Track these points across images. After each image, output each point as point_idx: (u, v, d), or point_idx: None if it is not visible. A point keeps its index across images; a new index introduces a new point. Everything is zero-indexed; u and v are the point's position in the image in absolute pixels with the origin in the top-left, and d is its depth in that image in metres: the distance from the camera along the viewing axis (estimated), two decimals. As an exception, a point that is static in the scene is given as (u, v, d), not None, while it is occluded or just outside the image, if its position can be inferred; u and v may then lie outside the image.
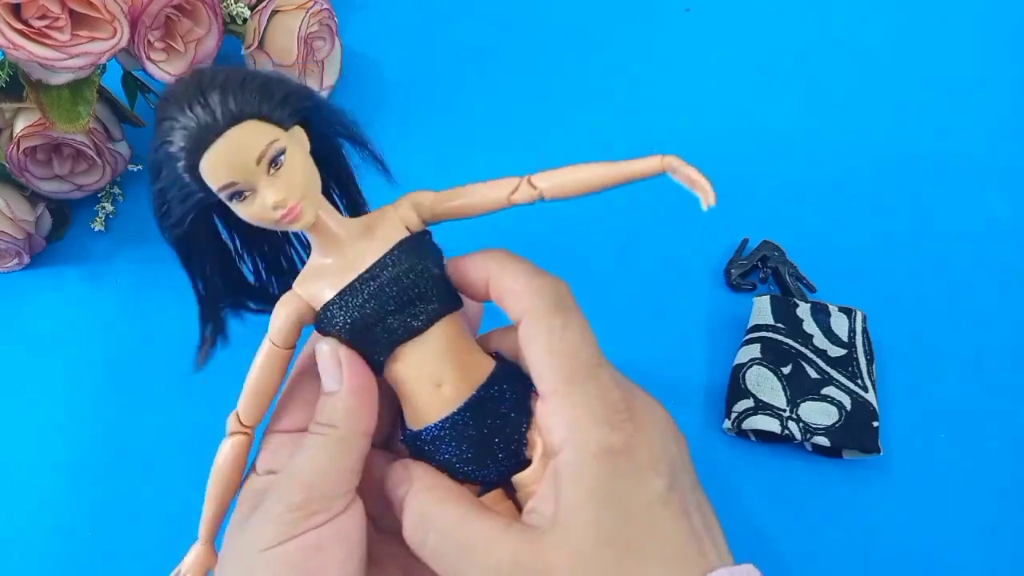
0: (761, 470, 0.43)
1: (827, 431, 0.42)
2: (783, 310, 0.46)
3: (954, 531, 0.42)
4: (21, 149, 0.44)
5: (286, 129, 0.31)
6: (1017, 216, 0.51)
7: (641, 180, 0.33)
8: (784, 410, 0.43)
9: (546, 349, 0.31)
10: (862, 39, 0.58)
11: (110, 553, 0.43)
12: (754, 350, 0.45)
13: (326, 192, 0.35)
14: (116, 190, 0.51)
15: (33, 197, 0.48)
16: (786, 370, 0.44)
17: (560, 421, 0.30)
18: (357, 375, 0.32)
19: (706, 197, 0.31)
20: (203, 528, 0.36)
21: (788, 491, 0.43)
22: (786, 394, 0.43)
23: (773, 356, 0.44)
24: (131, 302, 0.49)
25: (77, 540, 0.43)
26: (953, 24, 0.58)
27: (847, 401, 0.43)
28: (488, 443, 0.33)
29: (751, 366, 0.44)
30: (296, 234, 0.39)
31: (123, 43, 0.42)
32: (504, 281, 0.32)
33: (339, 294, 0.32)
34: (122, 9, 0.42)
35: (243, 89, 0.30)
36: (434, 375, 0.33)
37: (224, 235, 0.36)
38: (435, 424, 0.33)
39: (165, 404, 0.46)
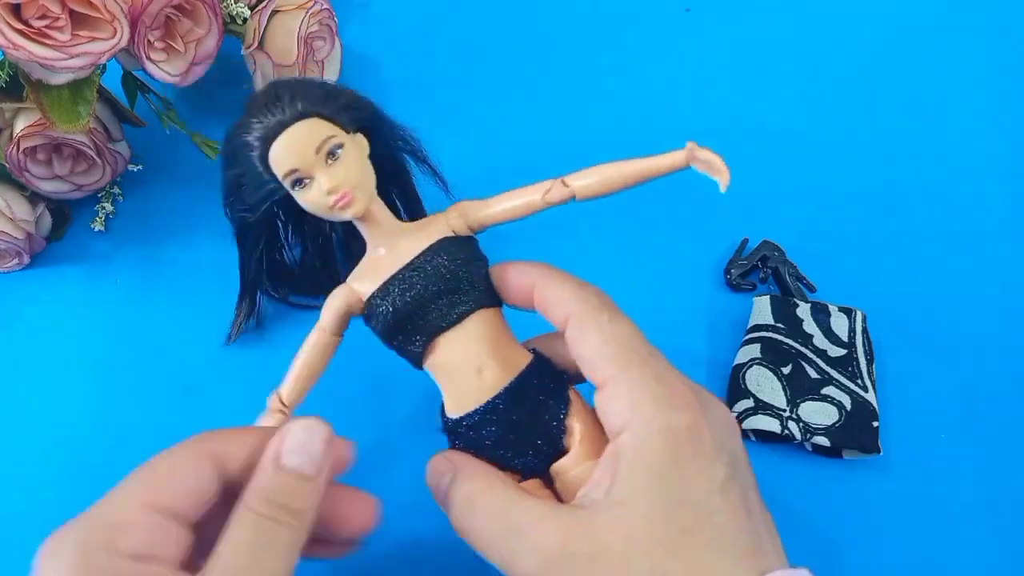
0: (762, 468, 0.43)
1: (827, 431, 0.42)
2: (783, 310, 0.46)
3: (955, 531, 0.42)
4: (21, 149, 0.44)
5: (347, 131, 0.35)
6: (1018, 216, 0.51)
7: (669, 175, 0.35)
8: (784, 410, 0.43)
9: (600, 340, 0.32)
10: (862, 39, 0.58)
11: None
12: (754, 350, 0.44)
13: (386, 196, 0.38)
14: (116, 190, 0.51)
15: (33, 197, 0.47)
16: (786, 370, 0.44)
17: (622, 404, 0.30)
18: (335, 466, 0.32)
19: (724, 180, 0.34)
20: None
21: (788, 491, 0.42)
22: (786, 394, 0.43)
23: (773, 356, 0.44)
24: (131, 302, 0.49)
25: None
26: (954, 24, 0.58)
27: (847, 401, 0.43)
28: (527, 429, 0.34)
29: (751, 366, 0.44)
30: (342, 240, 0.43)
31: (123, 43, 0.42)
32: (550, 289, 0.34)
33: (385, 283, 0.35)
34: (122, 9, 0.42)
35: (310, 92, 0.35)
36: (475, 361, 0.34)
37: (280, 226, 0.41)
38: (476, 409, 0.34)
39: (166, 404, 0.46)
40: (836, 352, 0.45)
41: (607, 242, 0.50)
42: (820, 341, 0.45)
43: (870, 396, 0.43)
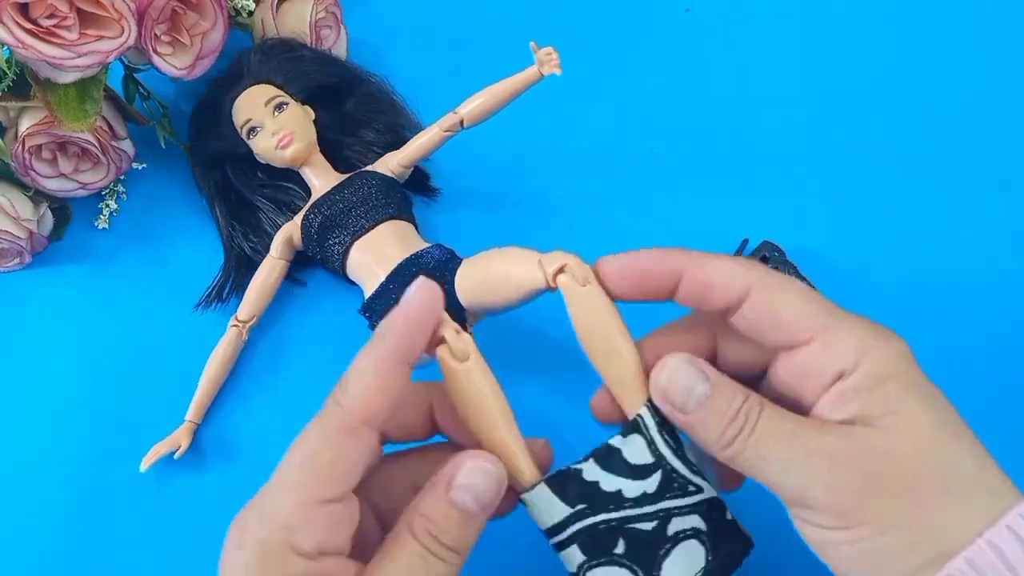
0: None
1: (706, 572, 0.33)
2: (570, 488, 0.33)
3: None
4: (26, 147, 0.44)
5: (295, 99, 0.47)
6: (1018, 218, 0.51)
7: (532, 86, 0.45)
8: None
9: (801, 299, 0.32)
10: (863, 39, 0.58)
11: (111, 551, 0.43)
12: (574, 555, 0.33)
13: (337, 157, 0.49)
14: (120, 188, 0.51)
15: (36, 196, 0.47)
16: (619, 550, 0.33)
17: (847, 345, 0.31)
18: (497, 505, 0.32)
19: (553, 65, 0.43)
20: (191, 409, 0.44)
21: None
22: (638, 575, 0.33)
23: (597, 546, 0.33)
24: (134, 301, 0.49)
25: (77, 540, 0.43)
26: (954, 24, 0.58)
27: (699, 522, 0.33)
28: None
29: (585, 573, 0.33)
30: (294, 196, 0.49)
31: (131, 42, 0.42)
32: (709, 267, 0.33)
33: (315, 202, 0.46)
34: (129, 8, 0.42)
35: (267, 65, 0.48)
36: (385, 249, 0.43)
37: (243, 186, 0.49)
38: (383, 279, 0.42)
39: (167, 404, 0.45)
40: (653, 483, 0.33)
41: (607, 242, 0.50)
42: (631, 489, 0.33)
43: (708, 489, 0.34)
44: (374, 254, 0.44)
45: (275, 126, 0.45)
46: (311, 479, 0.29)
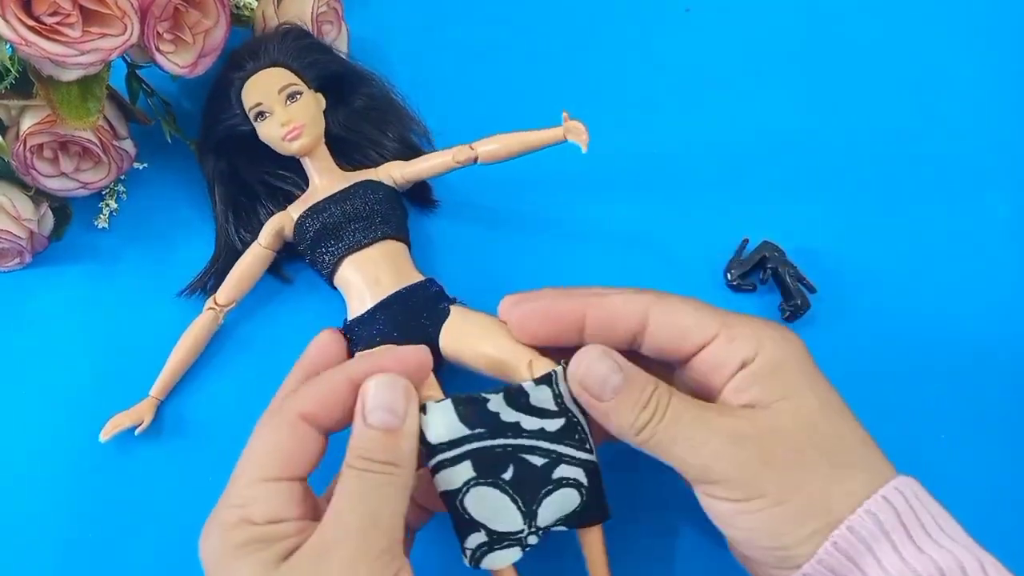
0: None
1: (566, 519, 0.36)
2: (473, 413, 0.35)
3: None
4: (28, 147, 0.43)
5: (309, 86, 0.46)
6: (1019, 218, 0.51)
7: (551, 146, 0.44)
8: (522, 531, 0.36)
9: (694, 305, 0.37)
10: (863, 39, 0.58)
11: (111, 552, 0.43)
12: (465, 470, 0.35)
13: (340, 149, 0.48)
14: (120, 188, 0.51)
15: (37, 196, 0.47)
16: (507, 475, 0.35)
17: (746, 338, 0.35)
18: (417, 409, 0.35)
19: (583, 141, 0.43)
20: (156, 385, 0.45)
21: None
22: (518, 505, 0.35)
23: (487, 467, 0.35)
24: (134, 300, 0.48)
25: (77, 540, 0.43)
26: (955, 24, 0.59)
27: (582, 476, 0.36)
28: (409, 330, 0.41)
29: (467, 490, 0.35)
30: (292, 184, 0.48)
31: (133, 40, 0.42)
32: (606, 303, 0.37)
33: (314, 205, 0.45)
34: (132, 5, 0.42)
35: (285, 47, 0.46)
36: (375, 274, 0.43)
37: (248, 172, 0.48)
38: (369, 308, 0.42)
39: (168, 403, 0.46)
40: (554, 425, 0.36)
41: (606, 243, 0.51)
42: (530, 423, 0.36)
43: (595, 460, 0.37)
44: (365, 277, 0.43)
45: (285, 116, 0.44)
46: (256, 463, 0.34)
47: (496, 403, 0.35)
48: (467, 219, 0.51)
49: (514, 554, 0.36)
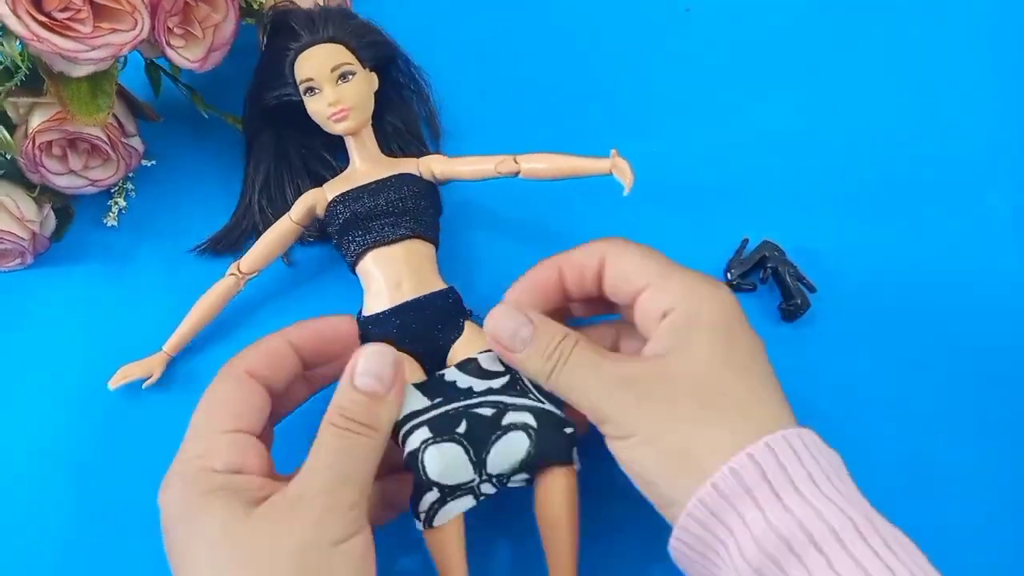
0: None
1: (522, 465, 0.38)
2: (432, 388, 0.40)
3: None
4: (37, 144, 0.43)
5: (363, 66, 0.45)
6: (1018, 217, 0.52)
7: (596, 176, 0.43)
8: (473, 479, 0.38)
9: (641, 253, 0.39)
10: (863, 39, 0.58)
11: (112, 552, 0.43)
12: (423, 433, 0.38)
13: (384, 131, 0.49)
14: (129, 185, 0.51)
15: (40, 197, 0.47)
16: (461, 429, 0.38)
17: (672, 290, 0.37)
18: (402, 383, 0.38)
19: (627, 183, 0.42)
20: (170, 341, 0.45)
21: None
22: (469, 455, 0.38)
23: (442, 427, 0.38)
24: (139, 299, 0.49)
25: (79, 540, 0.43)
26: (954, 25, 0.59)
27: (531, 419, 0.38)
28: (420, 341, 0.41)
29: (425, 449, 0.37)
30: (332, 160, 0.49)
31: (144, 35, 0.42)
32: (573, 256, 0.40)
33: (349, 191, 0.44)
34: (143, 1, 0.42)
35: (343, 24, 0.45)
36: (397, 275, 0.42)
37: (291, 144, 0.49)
38: (386, 310, 0.42)
39: (169, 403, 0.46)
40: (500, 382, 0.40)
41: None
42: (480, 385, 0.40)
43: (550, 407, 0.39)
44: (386, 278, 0.42)
45: (334, 96, 0.43)
46: (211, 416, 0.36)
47: (451, 374, 0.40)
48: (467, 220, 0.51)
49: (467, 503, 0.38)
